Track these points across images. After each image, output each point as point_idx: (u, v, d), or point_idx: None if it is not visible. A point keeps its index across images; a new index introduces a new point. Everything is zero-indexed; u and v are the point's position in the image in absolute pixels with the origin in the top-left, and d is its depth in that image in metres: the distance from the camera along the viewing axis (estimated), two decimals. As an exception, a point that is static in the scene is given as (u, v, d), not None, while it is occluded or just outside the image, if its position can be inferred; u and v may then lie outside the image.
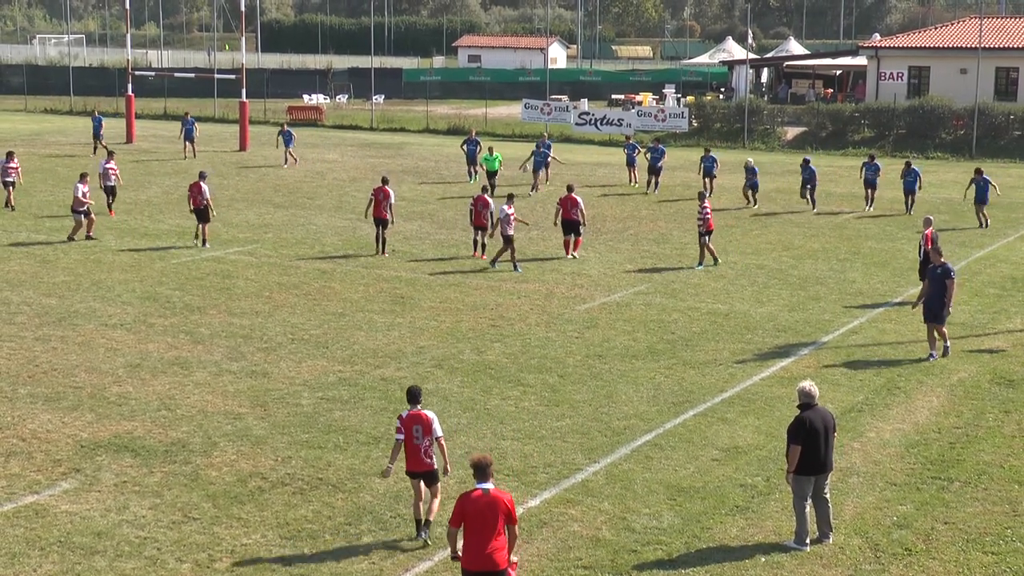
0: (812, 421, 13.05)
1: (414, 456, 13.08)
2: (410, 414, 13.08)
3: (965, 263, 29.20)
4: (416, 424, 13.01)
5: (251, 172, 46.46)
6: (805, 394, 13.21)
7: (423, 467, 13.10)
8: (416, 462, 13.11)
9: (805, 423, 13.03)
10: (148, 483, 14.80)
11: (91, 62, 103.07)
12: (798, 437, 13.00)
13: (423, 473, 13.14)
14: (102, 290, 25.23)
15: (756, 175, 38.62)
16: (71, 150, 52.79)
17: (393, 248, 30.46)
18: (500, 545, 10.78)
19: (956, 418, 17.77)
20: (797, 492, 13.18)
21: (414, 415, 13.06)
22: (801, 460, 13.02)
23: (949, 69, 61.17)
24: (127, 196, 39.12)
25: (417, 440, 13.01)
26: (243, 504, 14.18)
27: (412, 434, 13.02)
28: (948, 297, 20.80)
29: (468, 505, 10.85)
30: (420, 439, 13.00)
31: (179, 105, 74.23)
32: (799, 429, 13.02)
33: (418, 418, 13.03)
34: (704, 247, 28.60)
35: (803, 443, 12.97)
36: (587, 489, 14.79)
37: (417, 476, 13.19)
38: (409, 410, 13.12)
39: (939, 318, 20.85)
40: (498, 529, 10.77)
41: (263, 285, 26.13)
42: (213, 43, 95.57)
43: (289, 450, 15.99)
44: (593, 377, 19.62)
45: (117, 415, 17.32)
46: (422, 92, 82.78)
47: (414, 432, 13.01)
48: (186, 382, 19.01)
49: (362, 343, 21.49)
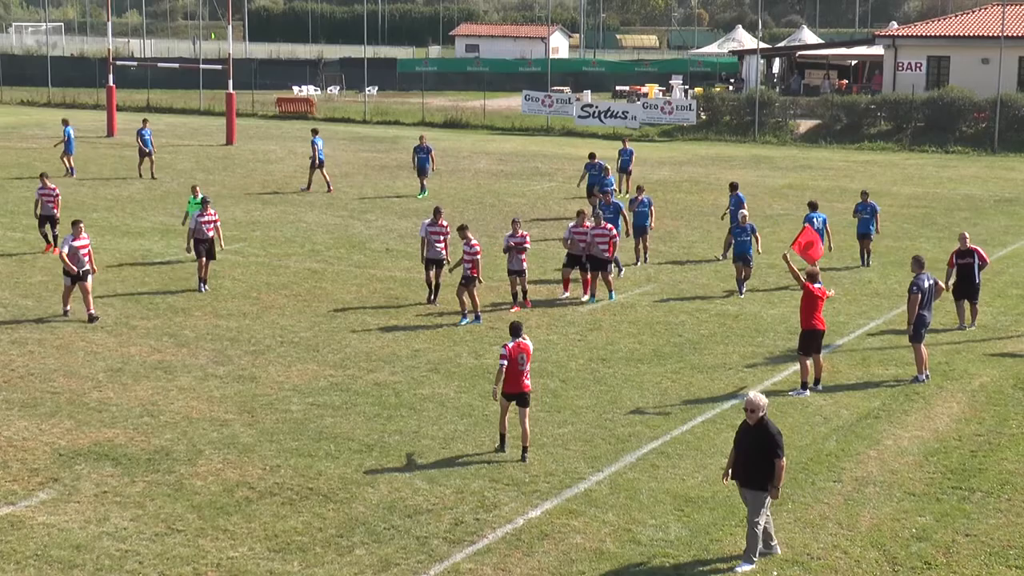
0: (741, 427, 13.25)
1: (516, 379, 15.81)
2: (516, 343, 15.86)
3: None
4: (521, 353, 15.86)
5: (238, 167, 46.45)
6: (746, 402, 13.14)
7: (523, 388, 15.89)
8: (517, 384, 15.84)
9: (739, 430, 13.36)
10: (130, 493, 14.78)
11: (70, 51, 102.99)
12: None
13: (521, 395, 15.91)
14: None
15: (743, 204, 30.85)
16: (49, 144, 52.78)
17: (387, 247, 30.44)
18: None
19: (978, 425, 17.75)
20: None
21: (520, 344, 15.88)
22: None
23: (970, 59, 61.14)
24: (108, 192, 39.14)
25: (521, 366, 15.83)
26: (229, 515, 14.17)
27: (517, 361, 15.78)
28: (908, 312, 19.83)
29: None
30: (524, 365, 15.85)
31: (162, 97, 74.32)
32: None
33: (523, 347, 15.90)
34: (604, 276, 25.22)
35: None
36: (590, 499, 14.77)
37: (513, 398, 15.90)
38: (515, 340, 15.87)
39: (912, 335, 19.88)
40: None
41: (251, 285, 26.12)
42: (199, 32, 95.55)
43: (278, 458, 15.98)
44: (596, 382, 19.60)
45: (97, 422, 17.30)
46: (417, 83, 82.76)
47: (519, 359, 15.82)
48: (170, 387, 18.99)
49: (354, 346, 21.48)
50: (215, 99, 69.39)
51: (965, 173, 47.19)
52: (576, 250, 24.88)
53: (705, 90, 67.37)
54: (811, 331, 19.00)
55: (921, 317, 19.67)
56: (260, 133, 58.77)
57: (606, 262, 24.90)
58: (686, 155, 52.95)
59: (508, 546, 13.49)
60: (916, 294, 19.68)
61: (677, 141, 59.19)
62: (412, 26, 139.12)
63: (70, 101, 74.67)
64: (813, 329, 19.00)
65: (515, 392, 15.95)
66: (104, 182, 41.44)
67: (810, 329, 19.00)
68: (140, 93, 74.12)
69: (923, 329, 19.74)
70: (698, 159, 51.53)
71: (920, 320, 19.66)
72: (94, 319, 22.76)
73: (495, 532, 13.83)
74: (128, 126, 60.45)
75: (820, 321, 19.09)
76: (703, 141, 58.90)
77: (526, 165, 48.67)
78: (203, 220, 25.68)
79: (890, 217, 36.44)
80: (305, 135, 58.03)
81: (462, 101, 75.80)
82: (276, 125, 64.14)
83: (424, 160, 39.08)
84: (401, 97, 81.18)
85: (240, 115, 60.49)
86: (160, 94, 75.09)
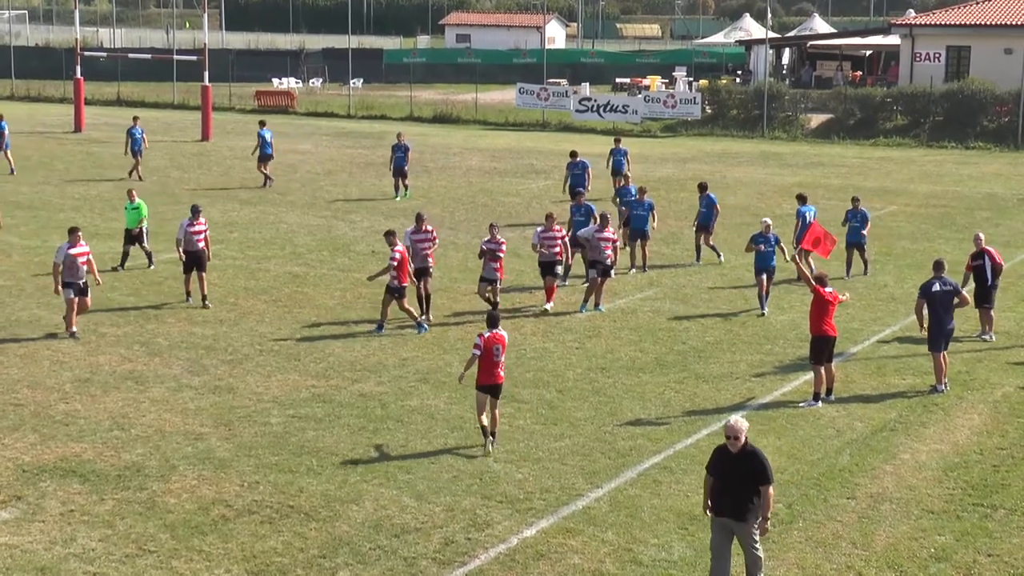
0: (720, 455, 12.63)
1: (491, 371, 16.53)
2: (492, 335, 16.54)
3: (1010, 264, 29.22)
4: (496, 344, 16.54)
5: (215, 165, 46.47)
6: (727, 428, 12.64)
7: (497, 380, 16.64)
8: (492, 376, 16.55)
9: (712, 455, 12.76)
10: (98, 512, 14.76)
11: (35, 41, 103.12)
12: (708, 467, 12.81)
13: (495, 387, 16.64)
14: (47, 296, 25.14)
15: (715, 207, 29.99)
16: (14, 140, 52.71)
17: (373, 249, 30.45)
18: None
19: (1000, 438, 17.78)
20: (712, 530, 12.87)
21: (496, 336, 16.57)
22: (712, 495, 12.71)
23: (992, 49, 61.27)
24: (75, 191, 39.11)
25: (496, 357, 16.51)
26: (205, 535, 14.16)
27: (492, 352, 16.45)
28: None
29: None
30: (498, 356, 16.55)
31: (133, 90, 74.26)
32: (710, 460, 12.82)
33: (499, 339, 16.58)
34: (598, 287, 25.10)
35: (714, 476, 12.67)
36: (589, 517, 14.78)
37: (488, 390, 16.59)
38: (491, 331, 16.56)
39: (930, 343, 19.86)
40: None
41: (228, 290, 26.11)
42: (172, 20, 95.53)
43: (256, 474, 15.97)
44: (595, 392, 19.62)
45: (64, 436, 17.28)
46: (405, 75, 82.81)
47: (494, 351, 16.49)
48: (141, 399, 18.98)
49: (338, 355, 21.48)
50: (190, 92, 69.35)
51: (986, 170, 47.30)
52: (546, 256, 24.75)
53: (710, 83, 67.46)
54: (821, 337, 19.02)
55: (939, 324, 19.64)
56: (238, 128, 58.74)
57: (608, 268, 24.86)
58: (690, 151, 53.03)
59: (501, 567, 13.49)
60: (920, 298, 19.77)
61: (681, 137, 59.29)
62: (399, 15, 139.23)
63: (35, 94, 74.65)
64: (823, 335, 19.02)
65: (490, 384, 16.65)
66: (71, 181, 41.40)
67: (820, 335, 19.02)
68: (110, 86, 74.11)
69: (942, 337, 19.72)
70: (703, 156, 51.61)
71: (938, 327, 19.64)
72: (74, 336, 22.20)
73: (487, 552, 13.83)
74: (96, 121, 60.51)
75: (831, 327, 19.11)
76: (708, 137, 59.00)
77: (520, 162, 48.74)
78: (193, 230, 24.63)
79: (907, 218, 36.51)
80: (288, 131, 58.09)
81: (453, 94, 75.88)
82: (255, 120, 63.91)
83: (402, 159, 38.67)
84: (388, 90, 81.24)
85: (216, 109, 60.47)
86: (131, 87, 75.07)
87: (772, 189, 41.51)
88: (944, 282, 19.88)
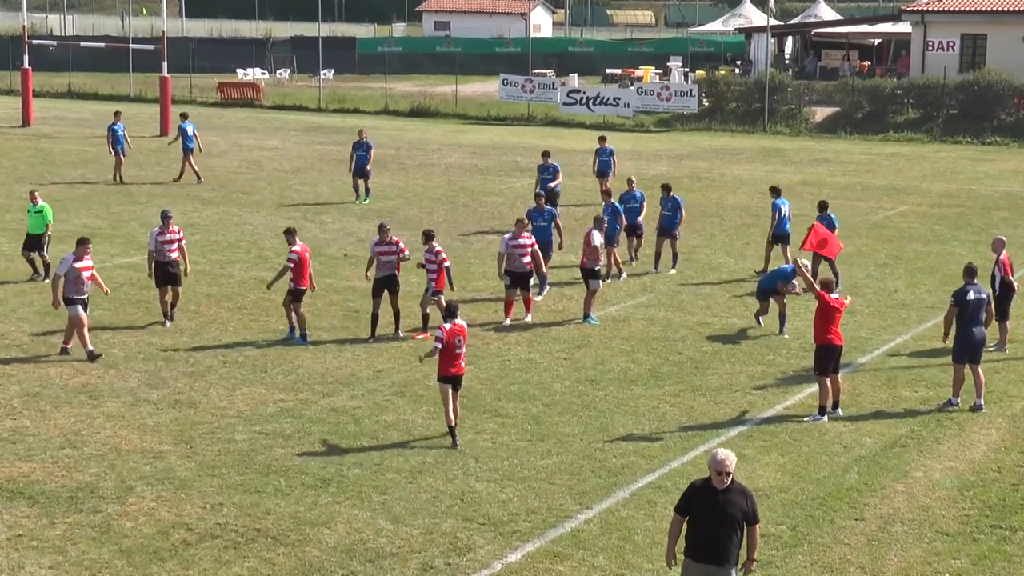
0: (701, 492, 11.88)
1: (452, 362, 17.49)
2: (453, 326, 17.51)
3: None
4: (458, 335, 17.52)
5: (174, 162, 46.32)
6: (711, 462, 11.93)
7: (459, 371, 17.62)
8: (454, 366, 17.51)
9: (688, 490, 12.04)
10: (48, 537, 14.72)
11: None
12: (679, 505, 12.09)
13: (458, 377, 17.65)
14: (-7, 304, 25.14)
15: (680, 209, 29.44)
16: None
17: (345, 252, 30.43)
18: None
19: (1020, 454, 17.83)
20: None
21: (457, 327, 17.56)
22: (688, 540, 11.91)
23: (1010, 37, 61.53)
24: (23, 190, 38.93)
25: (458, 348, 17.51)
26: (164, 561, 14.12)
27: (454, 344, 17.42)
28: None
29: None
30: (460, 347, 17.55)
31: (86, 81, 74.05)
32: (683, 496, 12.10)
33: (460, 330, 17.59)
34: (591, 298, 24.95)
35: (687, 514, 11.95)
36: (578, 540, 14.78)
37: (451, 381, 17.53)
38: (451, 322, 17.52)
39: (955, 354, 19.84)
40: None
41: (189, 297, 26.04)
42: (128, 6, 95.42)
43: (220, 495, 15.94)
44: (585, 406, 19.62)
45: (11, 455, 17.23)
46: (380, 66, 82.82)
47: (456, 342, 17.46)
48: (95, 414, 18.93)
49: (308, 367, 21.46)
50: (147, 83, 69.27)
51: (1004, 167, 47.47)
52: (515, 266, 24.28)
53: (708, 73, 67.61)
54: (826, 347, 19.05)
55: (966, 334, 19.57)
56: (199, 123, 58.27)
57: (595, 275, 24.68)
58: (686, 147, 53.12)
59: (484, 595, 13.49)
60: (953, 306, 19.67)
61: (676, 131, 59.40)
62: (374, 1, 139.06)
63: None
64: (828, 344, 19.04)
65: (452, 375, 17.61)
66: (19, 179, 41.28)
67: (825, 344, 19.04)
68: (60, 76, 73.94)
69: (967, 349, 19.65)
70: (700, 152, 51.71)
71: (965, 338, 19.53)
72: (95, 357, 21.56)
73: (469, 579, 13.83)
74: (46, 114, 60.36)
75: (836, 335, 19.14)
76: (706, 131, 59.12)
77: (504, 159, 48.77)
78: (164, 239, 23.93)
79: (919, 218, 36.63)
80: (253, 126, 58.06)
81: (431, 86, 75.89)
82: (218, 113, 64.08)
83: (363, 158, 37.90)
84: (361, 82, 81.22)
85: (176, 102, 60.37)
86: (83, 77, 74.90)
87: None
88: (978, 290, 19.82)
